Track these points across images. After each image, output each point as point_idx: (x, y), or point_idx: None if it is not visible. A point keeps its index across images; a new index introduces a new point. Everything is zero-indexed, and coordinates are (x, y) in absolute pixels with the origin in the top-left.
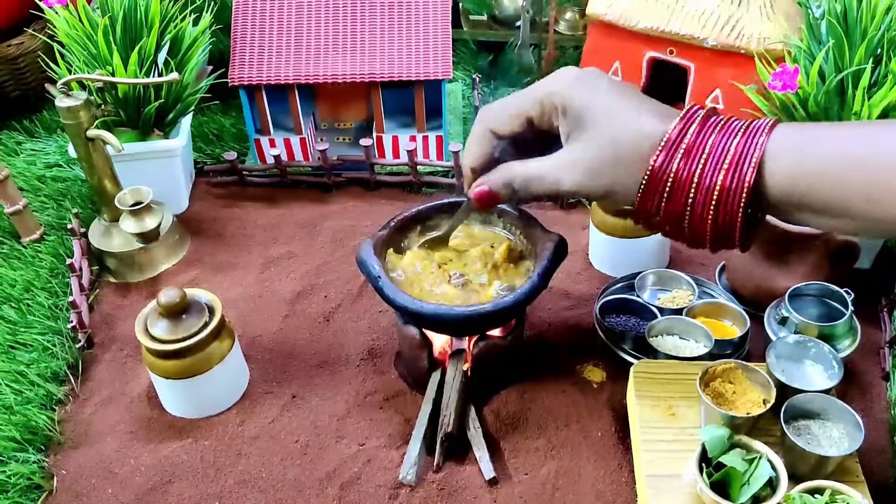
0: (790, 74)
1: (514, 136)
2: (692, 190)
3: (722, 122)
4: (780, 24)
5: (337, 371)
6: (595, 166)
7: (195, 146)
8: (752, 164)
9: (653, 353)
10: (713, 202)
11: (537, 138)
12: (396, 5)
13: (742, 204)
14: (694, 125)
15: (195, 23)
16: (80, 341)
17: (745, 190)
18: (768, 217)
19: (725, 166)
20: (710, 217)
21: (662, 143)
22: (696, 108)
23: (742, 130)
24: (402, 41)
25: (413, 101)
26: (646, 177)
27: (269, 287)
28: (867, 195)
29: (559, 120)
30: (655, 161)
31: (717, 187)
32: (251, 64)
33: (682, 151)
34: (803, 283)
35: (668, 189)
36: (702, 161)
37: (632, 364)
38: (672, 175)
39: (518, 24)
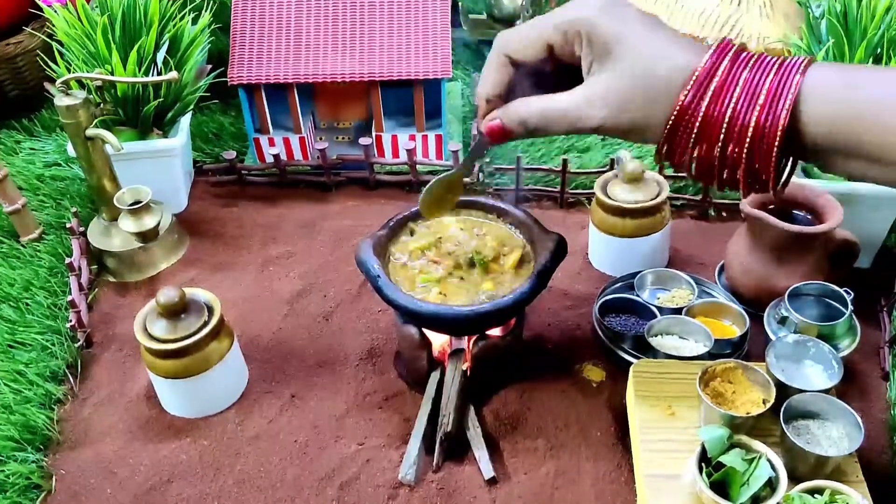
0: None
1: (533, 65)
2: (723, 130)
3: (754, 58)
4: (780, 23)
5: (336, 371)
6: (622, 97)
7: (194, 145)
8: (787, 104)
9: (652, 352)
10: (747, 142)
11: (556, 73)
12: (396, 4)
13: (777, 144)
14: (725, 60)
15: (194, 22)
16: (79, 341)
17: (780, 129)
18: (768, 217)
19: (759, 105)
20: (743, 158)
21: (693, 80)
22: (727, 41)
23: (776, 67)
24: (402, 40)
25: (412, 100)
26: (674, 115)
27: (268, 287)
28: None
29: (582, 49)
30: (685, 99)
31: (752, 127)
32: (250, 63)
33: (712, 89)
34: (803, 283)
35: (697, 128)
36: (734, 99)
37: (631, 364)
38: (702, 114)
39: (517, 23)
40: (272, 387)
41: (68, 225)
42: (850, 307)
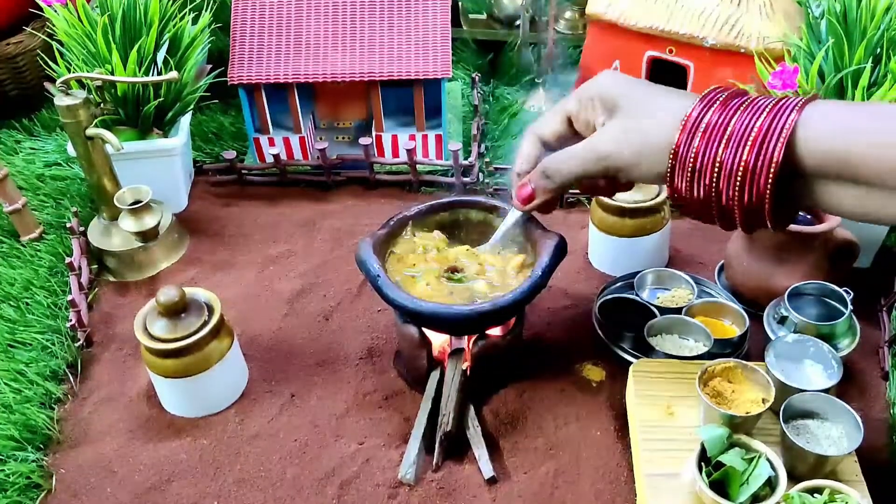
0: (790, 73)
1: (557, 138)
2: (716, 169)
3: (747, 102)
4: (780, 23)
5: (336, 370)
6: (626, 131)
7: (194, 145)
8: (782, 140)
9: (652, 352)
10: (738, 181)
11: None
12: (396, 4)
13: (770, 181)
14: (714, 106)
15: (194, 21)
16: (79, 340)
17: (773, 166)
18: None
19: (749, 144)
20: (735, 196)
21: (682, 125)
22: (716, 90)
23: (768, 108)
24: (402, 40)
25: (412, 100)
26: (671, 158)
27: (268, 286)
28: None
29: (595, 113)
30: (678, 140)
31: (742, 166)
32: (250, 63)
33: (701, 131)
34: (803, 283)
35: (691, 169)
36: (723, 141)
37: (631, 363)
38: (694, 155)
39: (517, 22)
40: (272, 386)
41: (68, 224)
42: (850, 307)
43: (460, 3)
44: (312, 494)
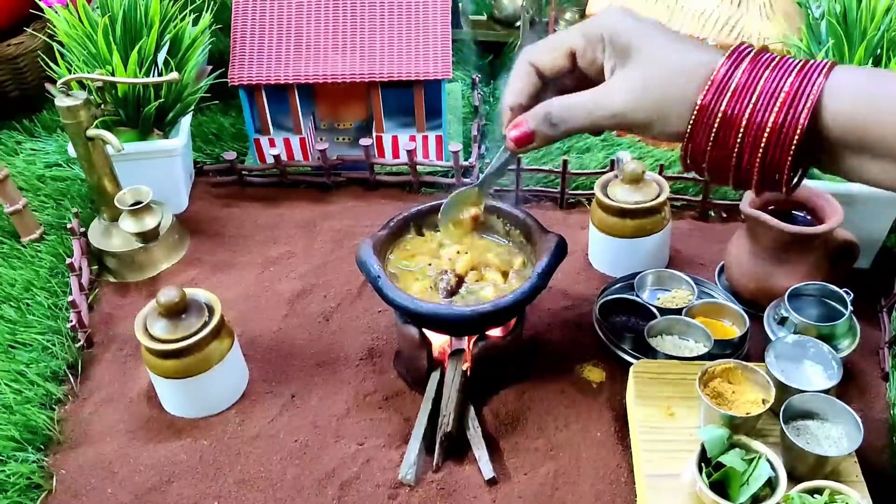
0: None
1: (557, 73)
2: (741, 129)
3: (776, 61)
4: (780, 23)
5: (336, 371)
6: (643, 90)
7: (195, 146)
8: (809, 104)
9: (652, 353)
10: (763, 142)
11: (580, 88)
12: (396, 5)
13: (794, 144)
14: (744, 63)
15: (195, 22)
16: (79, 341)
17: (799, 129)
18: (768, 218)
19: (778, 105)
20: (758, 157)
21: (711, 81)
22: (745, 46)
23: (797, 69)
24: (402, 41)
25: (413, 101)
26: (694, 114)
27: (268, 287)
28: None
29: (604, 53)
30: (704, 99)
31: (769, 127)
32: (251, 64)
33: (730, 90)
34: (803, 283)
35: (716, 127)
36: (752, 99)
37: (631, 364)
38: (720, 113)
39: (518, 24)
40: (272, 387)
41: (69, 225)
42: (850, 308)
43: (460, 4)
44: (313, 495)
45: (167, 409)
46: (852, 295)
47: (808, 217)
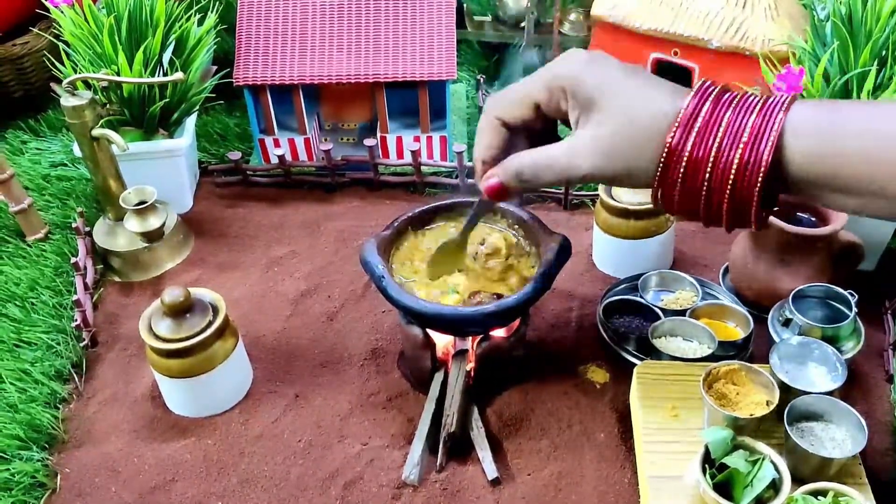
0: (795, 76)
1: (524, 124)
2: (709, 168)
3: (737, 99)
4: (785, 25)
5: (340, 371)
6: (611, 145)
7: (199, 146)
8: (770, 142)
9: (656, 354)
10: (730, 180)
11: (549, 129)
12: (401, 6)
13: (759, 181)
14: (708, 102)
15: (200, 23)
16: (84, 340)
17: (763, 167)
18: (772, 219)
19: (742, 144)
20: (726, 195)
21: (678, 122)
22: (708, 84)
23: (759, 107)
24: (407, 42)
25: (417, 101)
26: (664, 157)
27: (272, 287)
28: None
29: (568, 104)
30: (672, 140)
31: (735, 165)
32: (256, 64)
33: (696, 129)
34: (807, 285)
35: (683, 168)
36: (718, 138)
37: (635, 365)
38: (688, 154)
39: (522, 24)
40: (276, 386)
41: (74, 225)
42: (855, 309)
43: (465, 5)
44: (316, 495)
45: (171, 409)
46: (857, 297)
47: (813, 219)
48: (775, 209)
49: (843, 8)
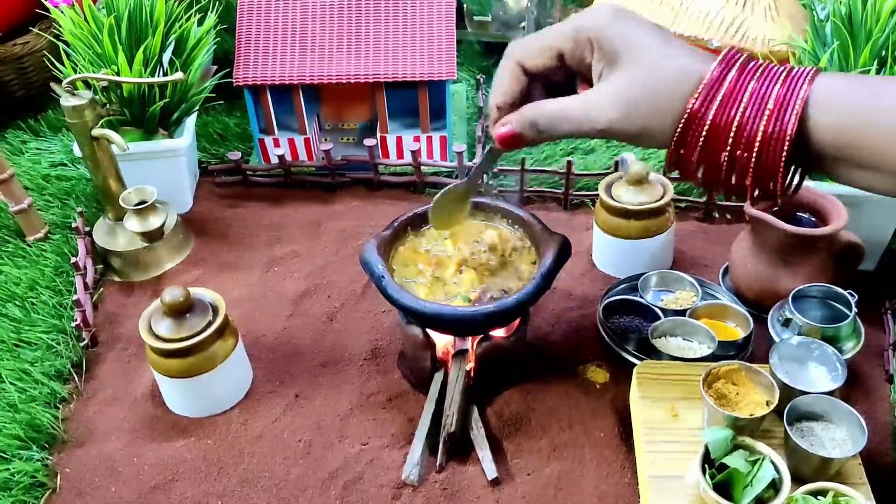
0: None
1: (544, 73)
2: (731, 137)
3: (762, 68)
4: (785, 25)
5: (340, 371)
6: (631, 101)
7: (200, 146)
8: (795, 113)
9: (656, 354)
10: (755, 150)
11: (568, 83)
12: (401, 6)
13: (785, 152)
14: (734, 69)
15: (200, 22)
16: (84, 340)
17: (789, 138)
18: (773, 219)
19: (767, 113)
20: (751, 166)
21: (701, 87)
22: (735, 51)
23: (783, 77)
24: (407, 42)
25: (417, 101)
26: (683, 121)
27: (272, 287)
28: None
29: (593, 56)
30: (693, 105)
31: (759, 135)
32: (256, 64)
33: (720, 96)
34: (807, 285)
35: (705, 135)
36: (741, 107)
37: (635, 365)
38: (710, 121)
39: (522, 24)
40: (276, 386)
41: (74, 224)
42: (855, 309)
43: (465, 5)
44: (316, 495)
45: (171, 409)
46: (857, 297)
47: (813, 219)
48: (803, 180)
49: (843, 8)
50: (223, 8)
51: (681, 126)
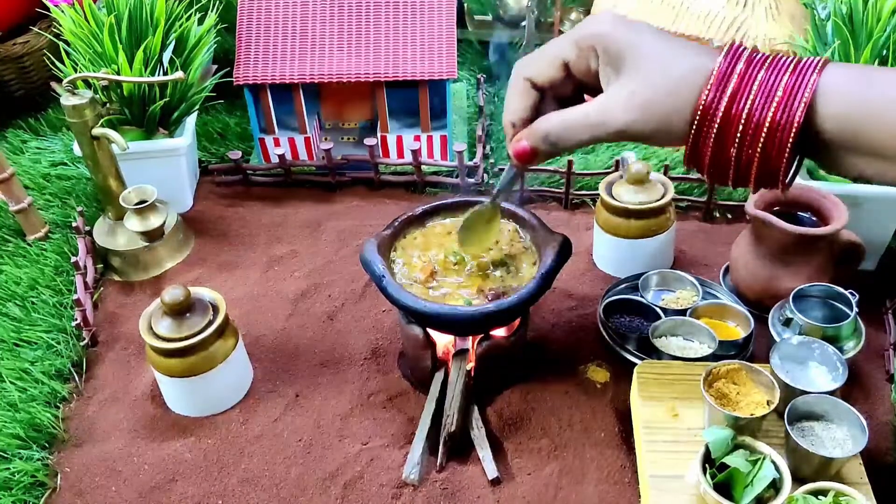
0: None
1: (553, 86)
2: (741, 126)
3: (769, 59)
4: (786, 24)
5: (340, 370)
6: (646, 102)
7: (200, 145)
8: (803, 102)
9: (656, 353)
10: (761, 139)
11: (577, 96)
12: (401, 5)
13: (791, 141)
14: (741, 61)
15: (200, 22)
16: (84, 339)
17: (795, 127)
18: (774, 219)
19: (775, 103)
20: (757, 154)
21: (712, 79)
22: (738, 44)
23: (791, 67)
24: (407, 41)
25: (417, 101)
26: (697, 115)
27: (272, 286)
28: None
29: (598, 62)
30: (706, 98)
31: (767, 124)
32: (256, 63)
33: (731, 88)
34: (808, 285)
35: (717, 125)
36: (750, 98)
37: (635, 365)
38: (722, 111)
39: (523, 24)
40: (276, 386)
41: (74, 224)
42: (855, 309)
43: (465, 5)
44: (316, 494)
45: (171, 408)
46: (857, 296)
47: (814, 218)
48: (798, 171)
49: (844, 7)
50: (223, 7)
51: (696, 121)
